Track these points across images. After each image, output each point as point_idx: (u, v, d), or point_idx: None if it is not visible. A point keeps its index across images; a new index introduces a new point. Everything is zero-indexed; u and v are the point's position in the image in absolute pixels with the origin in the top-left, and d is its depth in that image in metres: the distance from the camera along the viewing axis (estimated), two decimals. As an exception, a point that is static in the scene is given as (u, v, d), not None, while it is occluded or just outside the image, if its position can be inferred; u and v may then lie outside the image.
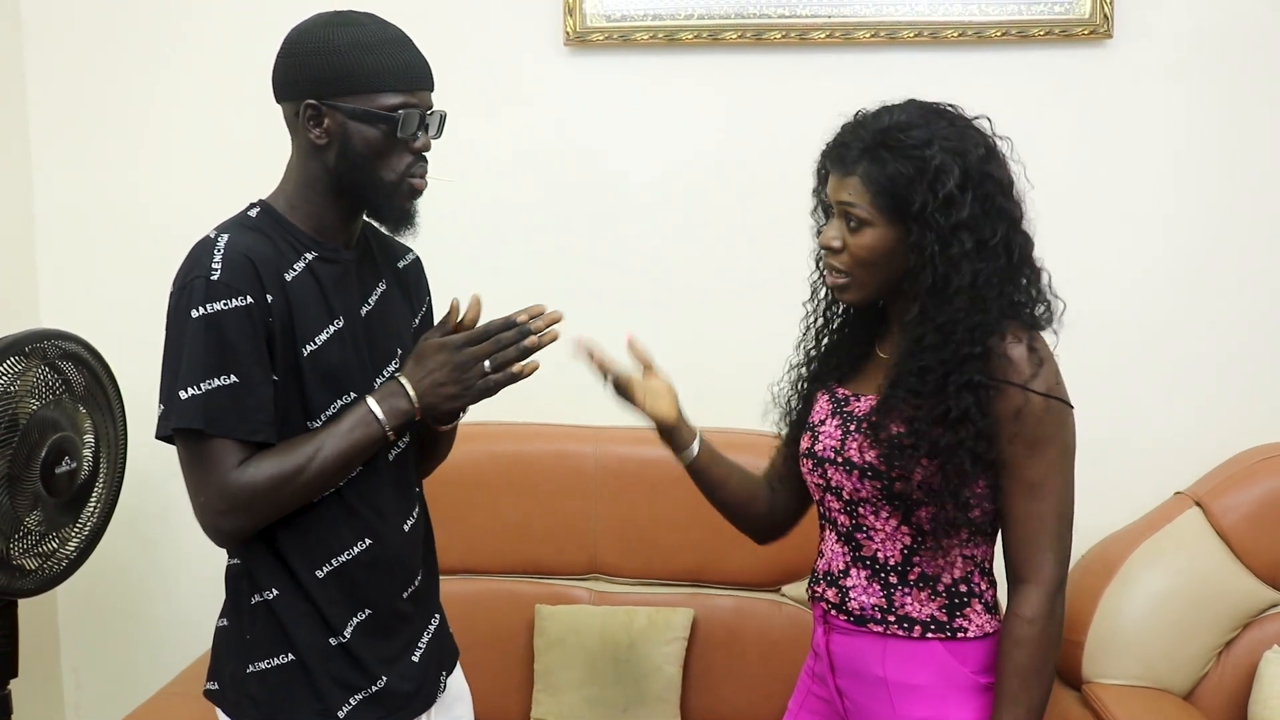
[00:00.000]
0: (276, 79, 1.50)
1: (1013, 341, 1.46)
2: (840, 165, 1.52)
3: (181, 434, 1.42)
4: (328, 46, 1.44)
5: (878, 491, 1.51)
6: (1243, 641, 2.26)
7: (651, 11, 2.51)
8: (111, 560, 2.66)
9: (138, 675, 2.73)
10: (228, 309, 1.39)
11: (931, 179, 1.45)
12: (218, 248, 1.42)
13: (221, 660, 1.56)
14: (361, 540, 1.51)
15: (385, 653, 1.55)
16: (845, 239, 1.51)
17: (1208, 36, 2.43)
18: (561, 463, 2.45)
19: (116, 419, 2.34)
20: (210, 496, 1.42)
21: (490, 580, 2.45)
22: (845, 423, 1.57)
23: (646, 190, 2.59)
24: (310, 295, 1.46)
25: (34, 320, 2.70)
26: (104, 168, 2.72)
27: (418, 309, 1.68)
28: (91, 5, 2.68)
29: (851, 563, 1.58)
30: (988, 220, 1.47)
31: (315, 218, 1.50)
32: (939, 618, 1.52)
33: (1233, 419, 2.46)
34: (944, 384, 1.44)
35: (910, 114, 1.50)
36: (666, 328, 2.60)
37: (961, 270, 1.45)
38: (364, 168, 1.45)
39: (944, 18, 2.45)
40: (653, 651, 2.32)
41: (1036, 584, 1.47)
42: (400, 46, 1.46)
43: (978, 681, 1.52)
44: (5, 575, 2.12)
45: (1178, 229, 2.48)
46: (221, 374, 1.39)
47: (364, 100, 1.43)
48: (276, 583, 1.49)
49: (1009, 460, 1.46)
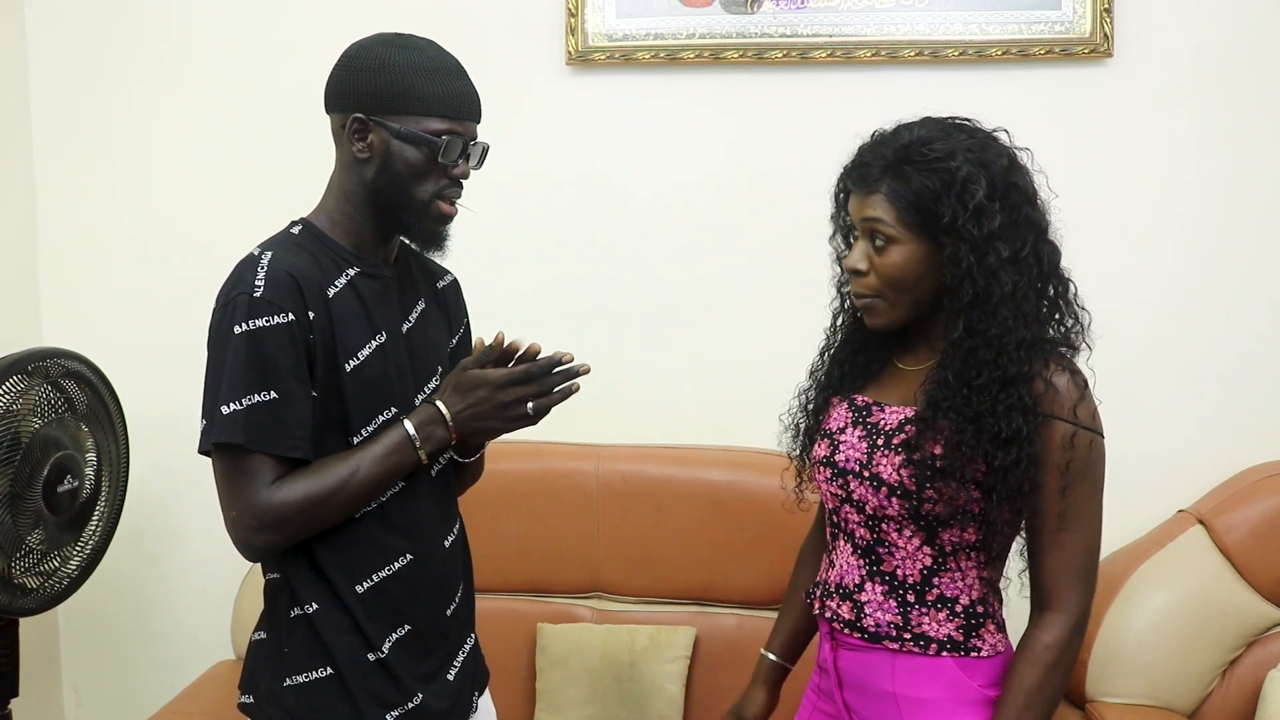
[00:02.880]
0: (329, 90, 1.52)
1: (1056, 370, 1.45)
2: (863, 184, 1.50)
3: (220, 449, 1.43)
4: (383, 65, 1.46)
5: (904, 510, 1.49)
6: (1247, 660, 2.25)
7: (653, 31, 2.52)
8: (113, 579, 2.66)
9: (139, 694, 2.73)
10: (269, 325, 1.40)
11: (960, 190, 1.43)
12: (261, 265, 1.44)
13: (257, 673, 1.56)
14: (403, 555, 1.52)
15: (422, 670, 1.55)
16: (872, 259, 1.49)
17: (1208, 55, 2.44)
18: (563, 481, 2.45)
19: (119, 437, 2.34)
20: (243, 512, 1.43)
21: (492, 599, 2.45)
22: (871, 434, 1.54)
23: (648, 209, 2.60)
24: (353, 311, 1.48)
25: (37, 339, 2.71)
26: (107, 187, 2.73)
27: (456, 329, 1.70)
28: (96, 25, 2.70)
29: (868, 576, 1.56)
30: (1017, 230, 1.46)
31: (355, 234, 1.52)
32: (955, 638, 1.51)
33: (1235, 436, 2.46)
34: (994, 405, 1.42)
35: (930, 129, 1.49)
36: (669, 346, 2.62)
37: (1001, 280, 1.43)
38: (400, 186, 1.48)
39: (945, 37, 2.46)
40: (655, 670, 2.31)
41: (1064, 613, 1.47)
42: (454, 75, 1.49)
43: (986, 695, 1.51)
44: (6, 594, 2.11)
45: (1179, 246, 2.48)
46: (262, 390, 1.40)
47: (411, 121, 1.46)
48: (317, 597, 1.49)
49: (1047, 488, 1.45)
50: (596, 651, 2.33)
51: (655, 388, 2.62)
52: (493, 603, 2.44)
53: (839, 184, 1.57)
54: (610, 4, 2.51)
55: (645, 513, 2.41)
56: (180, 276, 2.71)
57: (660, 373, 2.63)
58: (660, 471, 2.46)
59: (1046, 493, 1.45)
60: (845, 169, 1.55)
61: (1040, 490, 1.45)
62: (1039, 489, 1.45)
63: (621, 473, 2.44)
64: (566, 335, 2.59)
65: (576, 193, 2.60)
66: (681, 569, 2.42)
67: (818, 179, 1.72)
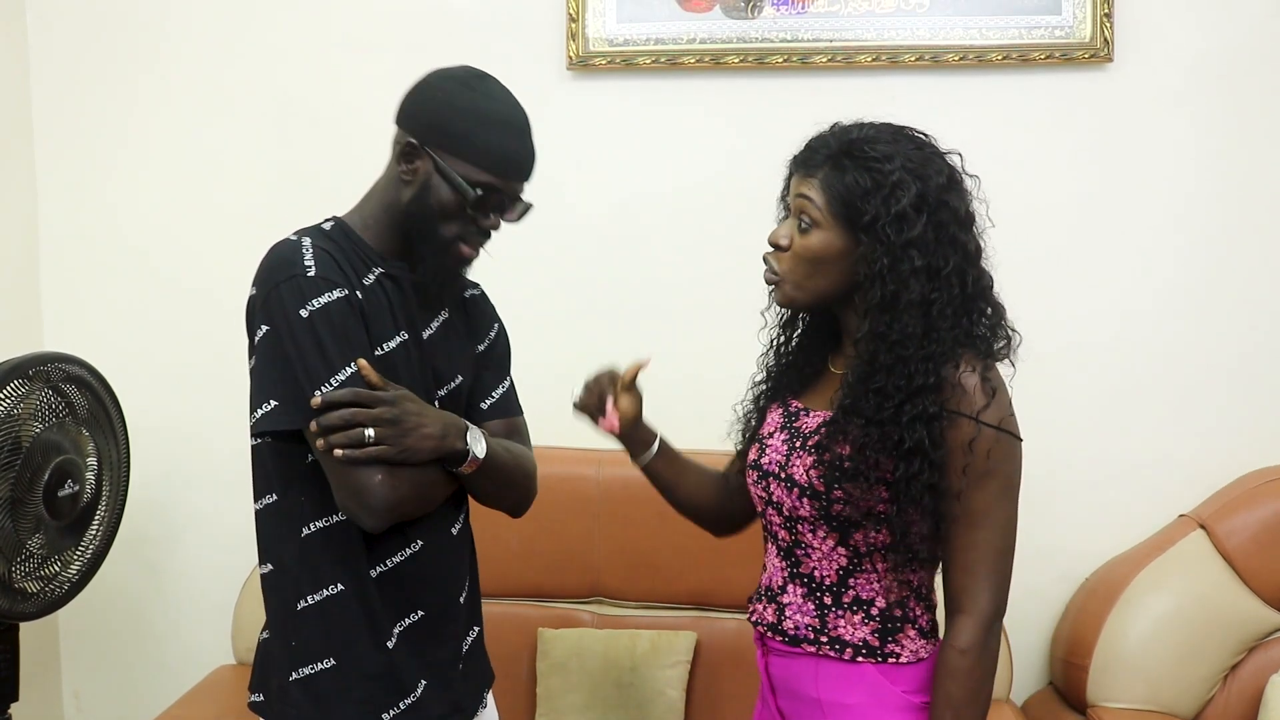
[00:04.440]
0: (401, 104, 1.54)
1: (966, 371, 1.46)
2: (804, 167, 1.54)
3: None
4: (451, 101, 1.49)
5: (816, 511, 1.51)
6: (1248, 665, 2.25)
7: (654, 36, 2.52)
8: (113, 583, 2.66)
9: (139, 699, 2.73)
10: (332, 300, 1.42)
11: (887, 193, 1.45)
12: (305, 246, 1.46)
13: (266, 671, 1.56)
14: (414, 542, 1.52)
15: (431, 659, 1.55)
16: (793, 237, 1.53)
17: (1209, 60, 2.44)
18: (564, 486, 2.45)
19: (119, 442, 2.34)
20: (389, 470, 1.41)
21: (492, 603, 2.43)
22: (792, 438, 1.57)
23: (649, 212, 2.60)
24: (381, 304, 1.50)
25: (37, 343, 2.71)
26: (109, 191, 2.74)
27: (482, 338, 1.70)
28: (98, 30, 2.71)
29: (789, 579, 1.58)
30: (939, 247, 1.46)
31: (385, 241, 1.54)
32: (871, 642, 1.52)
33: (1236, 441, 2.46)
34: (898, 414, 1.44)
35: (880, 131, 1.52)
36: (670, 349, 2.60)
37: (910, 287, 1.44)
38: (428, 218, 1.49)
39: (945, 41, 2.46)
40: (656, 675, 2.31)
41: (971, 614, 1.47)
42: (514, 134, 1.51)
43: (910, 700, 1.51)
44: (7, 598, 2.11)
45: (1180, 251, 2.49)
46: (348, 362, 1.41)
47: (457, 164, 1.48)
48: (323, 587, 1.49)
49: (954, 489, 1.46)
50: (597, 656, 2.33)
51: (656, 392, 2.61)
52: (494, 607, 2.43)
53: (789, 165, 1.60)
54: (611, 9, 2.52)
55: (646, 517, 2.41)
56: (182, 281, 2.72)
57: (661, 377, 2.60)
58: (661, 476, 2.46)
59: (952, 494, 1.46)
60: (795, 154, 1.58)
61: (946, 492, 1.46)
62: (944, 492, 1.46)
63: (622, 477, 2.44)
64: (566, 338, 2.60)
65: (577, 196, 2.60)
66: (682, 574, 2.42)
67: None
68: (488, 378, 1.66)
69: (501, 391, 1.68)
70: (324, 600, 1.49)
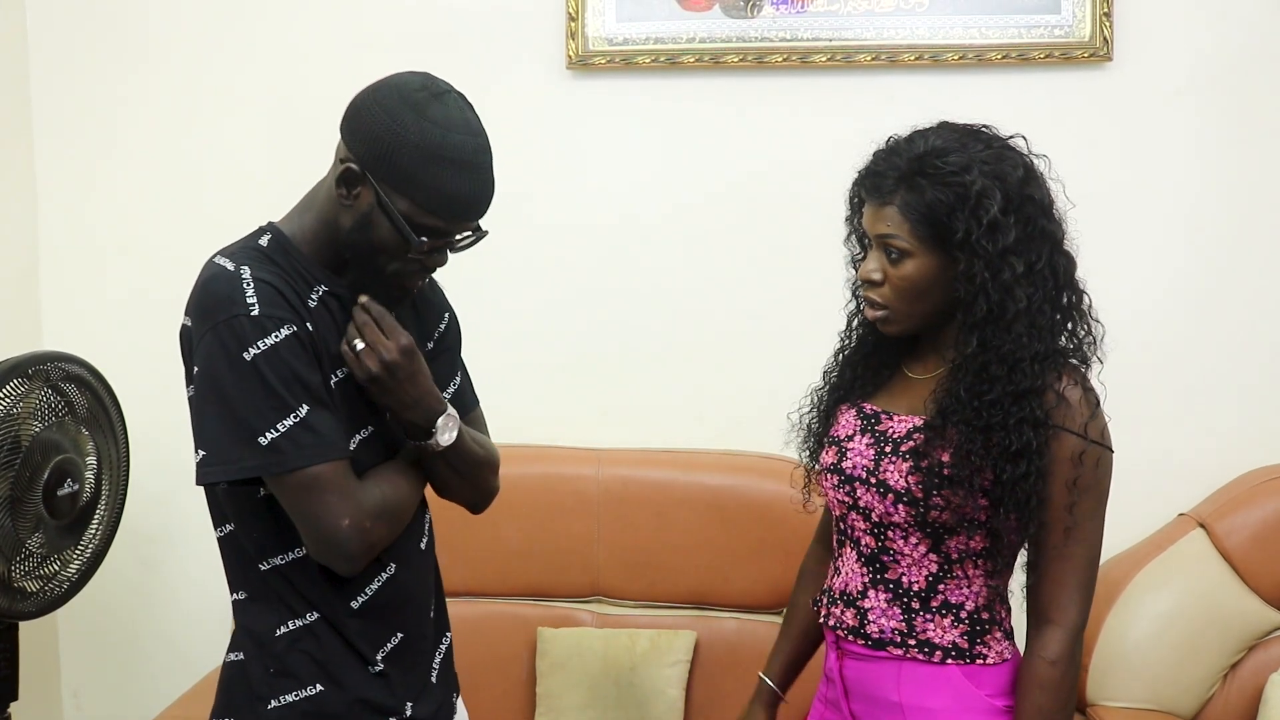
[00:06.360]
0: (347, 115, 1.41)
1: (1069, 384, 1.45)
2: (876, 195, 1.48)
3: (289, 476, 1.34)
4: (398, 130, 1.33)
5: (911, 517, 1.49)
6: (1248, 664, 2.25)
7: (653, 35, 2.52)
8: (113, 583, 2.66)
9: (138, 698, 2.73)
10: (280, 340, 1.33)
11: (974, 205, 1.41)
12: (244, 280, 1.35)
13: (233, 696, 1.51)
14: (388, 566, 1.47)
15: (411, 678, 1.52)
16: (886, 271, 1.48)
17: (1208, 59, 2.44)
18: (564, 485, 2.45)
19: (119, 441, 2.34)
20: (356, 514, 1.36)
21: (492, 603, 2.45)
22: (879, 442, 1.54)
23: (648, 213, 2.59)
24: (329, 325, 1.42)
25: (37, 342, 2.71)
26: (108, 190, 2.73)
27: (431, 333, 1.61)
28: (98, 30, 2.70)
29: (871, 584, 1.55)
30: (1032, 243, 1.44)
31: (325, 256, 1.44)
32: (960, 645, 1.51)
33: (1236, 440, 2.46)
34: (1005, 419, 1.42)
35: (945, 138, 1.47)
36: (670, 350, 2.61)
37: (1016, 296, 1.42)
38: (368, 253, 1.40)
39: (944, 41, 2.46)
40: (655, 674, 2.31)
41: (1062, 626, 1.46)
42: (467, 173, 1.36)
43: (994, 704, 1.51)
44: (6, 598, 2.11)
45: (1180, 251, 2.49)
46: (299, 405, 1.33)
47: (402, 203, 1.35)
48: (300, 616, 1.44)
49: (1055, 500, 1.45)
50: (597, 655, 2.33)
51: (656, 392, 2.62)
52: (493, 606, 2.44)
53: (854, 189, 1.56)
54: (610, 8, 2.51)
55: (646, 517, 2.41)
56: (181, 281, 2.66)
57: (661, 377, 2.63)
58: (661, 475, 2.46)
59: (1053, 506, 1.45)
60: (860, 174, 1.53)
61: (1047, 503, 1.45)
62: (1046, 502, 1.45)
63: (622, 477, 2.44)
64: (566, 338, 2.60)
65: (576, 196, 2.60)
66: (682, 573, 2.41)
67: (818, 183, 1.72)
68: (440, 371, 1.55)
69: (455, 386, 1.60)
70: (303, 628, 1.44)
